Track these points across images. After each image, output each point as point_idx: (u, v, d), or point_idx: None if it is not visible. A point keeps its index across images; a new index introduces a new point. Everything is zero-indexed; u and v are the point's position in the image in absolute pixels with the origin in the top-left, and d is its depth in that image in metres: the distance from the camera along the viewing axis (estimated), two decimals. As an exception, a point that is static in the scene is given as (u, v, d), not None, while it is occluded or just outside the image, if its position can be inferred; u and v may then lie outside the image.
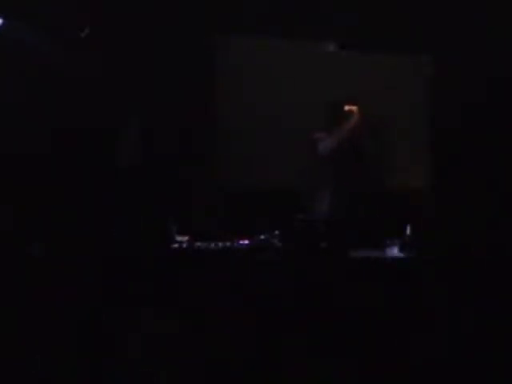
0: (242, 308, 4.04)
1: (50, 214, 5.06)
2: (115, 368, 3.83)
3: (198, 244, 4.82)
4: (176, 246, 4.80)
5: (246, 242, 4.84)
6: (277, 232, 4.92)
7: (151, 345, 3.94)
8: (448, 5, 5.83)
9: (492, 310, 4.10)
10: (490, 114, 6.04)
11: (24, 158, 5.11)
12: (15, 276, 4.13)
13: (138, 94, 5.55)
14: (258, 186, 5.82)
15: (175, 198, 5.50)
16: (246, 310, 4.03)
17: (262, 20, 5.76)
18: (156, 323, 3.98)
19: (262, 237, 4.89)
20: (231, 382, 3.90)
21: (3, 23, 5.16)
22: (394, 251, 4.71)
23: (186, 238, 4.91)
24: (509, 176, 5.86)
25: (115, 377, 3.82)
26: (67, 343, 3.91)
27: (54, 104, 5.28)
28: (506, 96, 5.99)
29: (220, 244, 4.77)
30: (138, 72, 5.55)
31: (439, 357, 3.99)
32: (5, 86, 5.09)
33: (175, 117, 5.67)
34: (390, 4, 5.82)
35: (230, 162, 5.92)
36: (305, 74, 6.07)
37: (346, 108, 5.18)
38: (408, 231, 5.02)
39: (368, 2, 5.81)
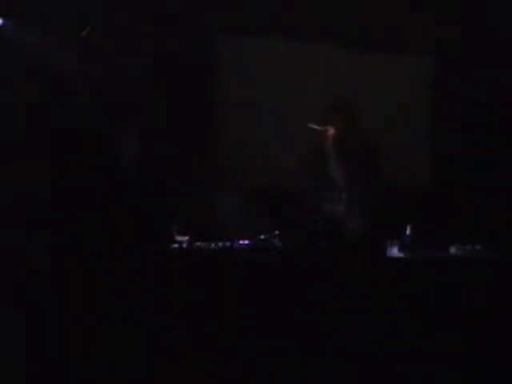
0: (242, 308, 4.04)
1: (49, 214, 5.05)
2: (115, 368, 3.83)
3: (198, 244, 4.82)
4: (176, 245, 4.81)
5: (246, 242, 4.84)
6: (277, 232, 4.92)
7: (152, 344, 3.93)
8: (449, 6, 5.84)
9: (492, 310, 4.10)
10: (490, 114, 6.04)
11: (23, 158, 5.11)
12: (16, 275, 4.13)
13: (138, 94, 5.55)
14: (258, 186, 5.81)
15: (175, 197, 5.50)
16: (246, 309, 4.03)
17: (262, 20, 5.76)
18: (156, 323, 3.98)
19: (262, 237, 4.89)
20: (231, 381, 3.90)
21: (3, 23, 5.16)
22: (394, 251, 4.70)
23: (185, 238, 4.91)
24: (509, 176, 5.86)
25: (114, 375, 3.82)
26: (67, 343, 3.90)
27: (54, 104, 5.28)
28: (506, 96, 5.98)
29: (220, 244, 4.77)
30: (137, 72, 5.55)
31: (439, 357, 3.98)
32: (5, 85, 5.09)
33: (175, 117, 5.67)
34: (391, 4, 5.82)
35: (229, 161, 5.92)
36: (305, 74, 6.07)
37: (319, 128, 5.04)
38: (408, 231, 5.02)
39: (368, 2, 5.81)
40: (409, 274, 4.23)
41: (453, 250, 4.92)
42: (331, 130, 4.96)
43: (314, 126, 5.00)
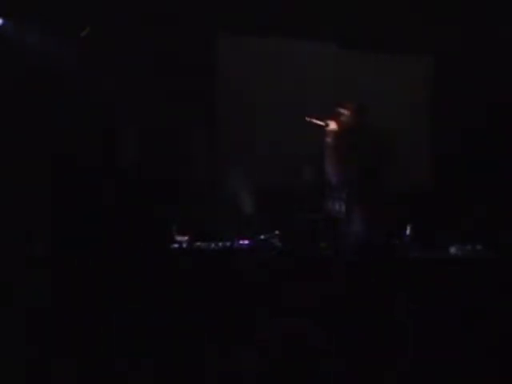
0: (242, 307, 4.04)
1: (50, 214, 5.06)
2: (115, 366, 3.83)
3: (198, 244, 4.83)
4: (176, 245, 4.81)
5: (246, 242, 4.84)
6: (277, 232, 4.92)
7: (151, 342, 3.94)
8: (449, 6, 5.84)
9: (492, 309, 4.10)
10: (490, 114, 6.04)
11: (23, 158, 5.11)
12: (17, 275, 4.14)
13: (138, 94, 5.55)
14: (258, 186, 5.81)
15: (175, 197, 5.50)
16: (246, 309, 4.03)
17: (262, 20, 5.76)
18: (155, 322, 3.98)
19: (262, 237, 4.90)
20: (231, 381, 3.90)
21: (3, 23, 5.16)
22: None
23: (185, 238, 4.91)
24: (509, 176, 5.86)
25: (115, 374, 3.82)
26: (67, 343, 3.91)
27: (54, 104, 5.28)
28: (506, 96, 5.98)
29: (220, 244, 4.77)
30: (137, 72, 5.55)
31: (439, 356, 3.98)
32: (5, 85, 5.09)
33: (175, 117, 5.67)
34: (391, 4, 5.82)
35: (229, 161, 5.92)
36: (305, 74, 6.07)
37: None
38: (408, 231, 5.03)
39: (368, 2, 5.81)
40: (409, 273, 4.23)
41: (453, 250, 4.93)
42: (332, 125, 4.88)
43: (314, 120, 4.93)
